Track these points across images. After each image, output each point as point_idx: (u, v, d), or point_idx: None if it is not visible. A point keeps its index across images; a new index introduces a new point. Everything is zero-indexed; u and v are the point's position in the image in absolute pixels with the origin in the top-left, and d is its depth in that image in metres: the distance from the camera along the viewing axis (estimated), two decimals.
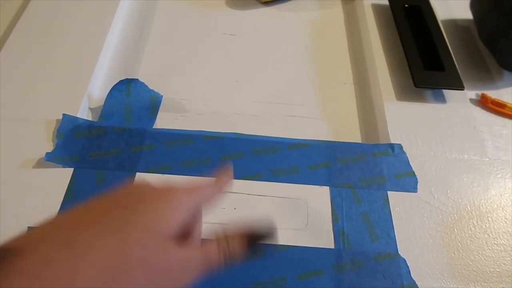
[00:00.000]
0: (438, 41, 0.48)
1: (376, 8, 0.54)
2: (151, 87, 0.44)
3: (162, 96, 0.43)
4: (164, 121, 0.42)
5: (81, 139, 0.37)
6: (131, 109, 0.41)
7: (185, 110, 0.43)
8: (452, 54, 0.48)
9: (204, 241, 0.24)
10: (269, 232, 0.25)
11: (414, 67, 0.45)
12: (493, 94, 0.48)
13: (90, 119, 0.41)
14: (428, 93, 0.45)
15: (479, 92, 0.48)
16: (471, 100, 0.47)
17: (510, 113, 0.46)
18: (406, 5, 0.52)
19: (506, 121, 0.46)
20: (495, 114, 0.46)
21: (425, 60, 0.46)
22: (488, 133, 0.44)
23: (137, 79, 0.43)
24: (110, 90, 0.41)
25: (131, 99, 0.41)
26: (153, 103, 0.42)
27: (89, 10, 0.48)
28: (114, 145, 0.37)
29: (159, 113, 0.42)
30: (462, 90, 0.44)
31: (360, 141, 0.43)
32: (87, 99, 0.41)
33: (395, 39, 0.50)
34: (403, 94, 0.45)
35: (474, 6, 0.53)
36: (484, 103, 0.47)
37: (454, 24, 0.56)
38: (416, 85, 0.43)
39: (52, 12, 0.48)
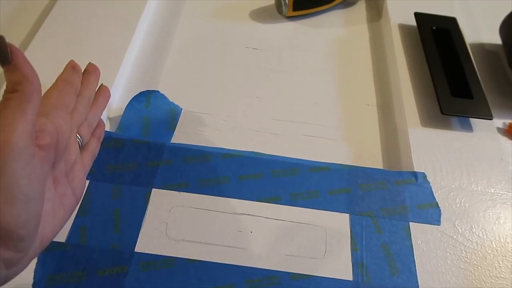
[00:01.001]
0: (466, 67, 0.46)
1: (403, 28, 0.52)
2: (170, 99, 0.43)
3: (181, 109, 0.42)
4: (182, 134, 0.41)
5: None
6: (149, 120, 0.40)
7: (204, 124, 0.42)
8: (481, 81, 0.46)
9: None
10: None
11: (441, 93, 0.43)
12: None
13: (108, 128, 0.40)
14: (454, 120, 0.44)
15: (507, 121, 0.46)
16: (499, 130, 0.46)
17: None
18: (434, 28, 0.51)
19: None
20: None
21: (452, 86, 0.44)
22: None
23: (157, 90, 0.42)
24: (130, 101, 0.41)
25: (150, 111, 0.41)
26: (172, 116, 0.41)
27: (112, 19, 0.48)
28: (131, 159, 0.36)
29: (178, 126, 0.41)
30: (491, 119, 0.42)
31: (381, 167, 0.41)
32: (107, 108, 0.40)
33: (421, 62, 0.48)
34: (428, 120, 0.43)
35: (503, 31, 0.51)
36: (511, 133, 0.45)
37: (482, 49, 0.54)
38: (443, 112, 0.42)
39: (74, 20, 0.48)
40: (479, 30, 0.56)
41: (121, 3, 0.50)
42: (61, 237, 0.31)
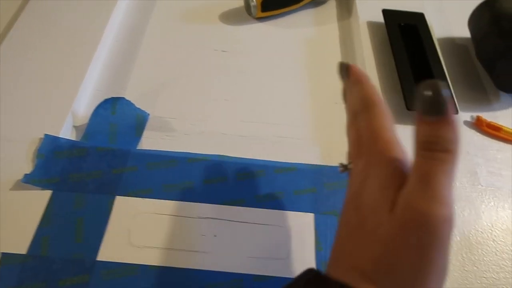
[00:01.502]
0: (433, 63, 0.47)
1: (372, 25, 0.53)
2: (139, 105, 0.43)
3: (148, 114, 0.43)
4: (150, 140, 0.41)
5: (62, 160, 0.36)
6: (116, 127, 0.40)
7: (172, 129, 0.42)
8: (448, 75, 0.47)
9: None
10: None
11: (407, 89, 0.44)
12: (489, 116, 0.47)
13: (74, 137, 0.40)
14: None
15: (475, 114, 0.46)
16: (466, 123, 0.46)
17: (506, 137, 0.45)
18: (402, 24, 0.51)
19: (501, 145, 0.45)
20: (490, 138, 0.45)
21: (419, 82, 0.45)
22: (482, 158, 0.43)
23: (123, 97, 0.42)
24: (96, 109, 0.41)
25: (117, 118, 0.41)
26: (139, 122, 0.42)
27: (78, 24, 0.48)
28: (95, 167, 0.36)
29: (145, 132, 0.41)
30: (456, 114, 0.43)
31: None
32: (72, 117, 0.40)
33: (389, 58, 0.49)
34: (396, 116, 0.44)
35: (472, 24, 0.52)
36: (479, 126, 0.46)
37: (452, 42, 0.55)
38: (408, 108, 0.42)
39: (38, 27, 0.47)
40: (449, 25, 0.57)
41: (89, 7, 0.50)
42: (22, 249, 0.31)
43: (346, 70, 0.27)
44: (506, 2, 0.48)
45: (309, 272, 0.21)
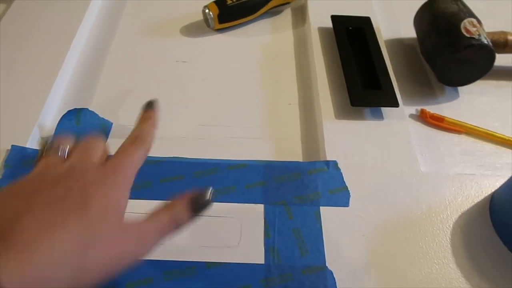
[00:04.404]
0: (377, 60, 0.50)
1: (322, 31, 0.56)
2: (104, 115, 0.46)
3: (112, 123, 0.45)
4: (113, 148, 0.43)
5: (29, 168, 0.39)
6: (80, 138, 0.43)
7: None
8: (391, 72, 0.50)
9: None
10: (209, 197, 0.30)
11: (351, 86, 0.47)
12: (434, 108, 0.50)
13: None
14: (366, 111, 0.48)
15: (419, 108, 0.50)
16: (412, 116, 0.50)
17: (449, 126, 0.48)
18: (350, 28, 0.55)
19: (444, 134, 0.48)
20: (435, 128, 0.49)
21: (363, 79, 0.48)
22: (426, 147, 0.46)
23: (86, 108, 0.45)
24: (60, 120, 0.44)
25: (81, 128, 0.44)
26: (102, 131, 0.44)
27: (44, 38, 0.51)
28: None
29: (110, 140, 0.44)
30: (397, 107, 0.46)
31: (301, 160, 0.45)
32: (38, 129, 0.43)
33: (337, 60, 0.52)
34: (342, 113, 0.47)
35: (416, 25, 0.56)
36: (423, 118, 0.49)
37: (400, 43, 0.59)
38: (352, 104, 0.46)
39: (6, 41, 0.51)
40: (398, 26, 0.61)
41: (56, 21, 0.54)
42: None
43: None
44: (443, 2, 0.52)
45: None
